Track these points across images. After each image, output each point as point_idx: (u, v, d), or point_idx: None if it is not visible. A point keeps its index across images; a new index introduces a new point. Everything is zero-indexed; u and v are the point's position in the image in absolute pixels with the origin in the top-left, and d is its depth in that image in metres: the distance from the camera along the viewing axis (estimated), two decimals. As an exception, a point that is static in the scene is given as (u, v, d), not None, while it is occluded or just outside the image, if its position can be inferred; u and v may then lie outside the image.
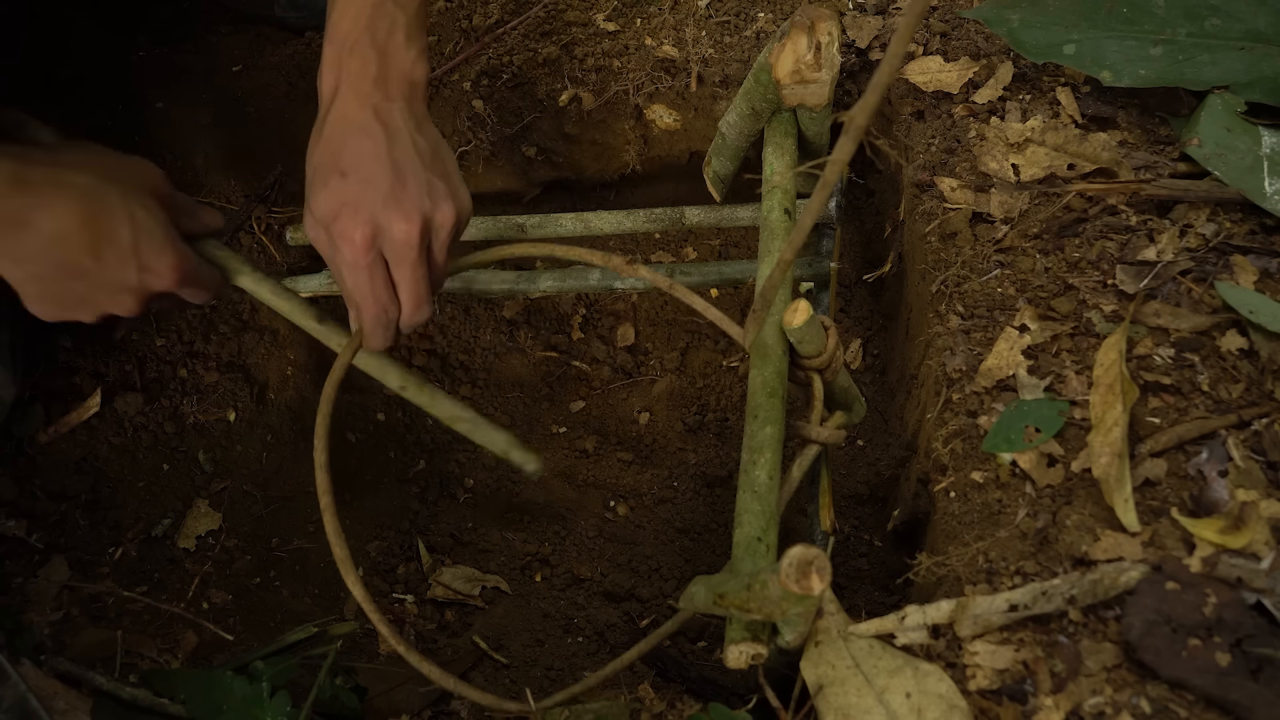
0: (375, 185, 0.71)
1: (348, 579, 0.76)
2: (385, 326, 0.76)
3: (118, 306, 0.79)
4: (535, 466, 0.79)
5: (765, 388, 0.72)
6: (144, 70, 1.08)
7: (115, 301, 0.78)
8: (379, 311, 0.75)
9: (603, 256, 0.81)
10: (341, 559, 0.76)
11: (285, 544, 1.02)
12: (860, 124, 0.46)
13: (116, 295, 0.78)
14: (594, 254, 0.81)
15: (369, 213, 0.71)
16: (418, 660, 0.76)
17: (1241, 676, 0.59)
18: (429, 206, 0.72)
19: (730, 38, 1.04)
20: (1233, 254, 0.76)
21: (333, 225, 0.71)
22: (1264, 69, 0.82)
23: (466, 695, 0.76)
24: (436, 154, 0.76)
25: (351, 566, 0.76)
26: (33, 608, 0.85)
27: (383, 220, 0.71)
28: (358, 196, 0.71)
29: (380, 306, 0.74)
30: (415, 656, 0.76)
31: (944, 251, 0.85)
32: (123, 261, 0.76)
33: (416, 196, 0.72)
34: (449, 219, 0.74)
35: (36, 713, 0.72)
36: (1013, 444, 0.72)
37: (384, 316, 0.75)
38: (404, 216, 0.71)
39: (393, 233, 0.71)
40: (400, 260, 0.73)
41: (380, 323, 0.76)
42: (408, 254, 0.72)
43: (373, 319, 0.75)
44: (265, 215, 1.14)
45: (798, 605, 0.58)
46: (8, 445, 0.94)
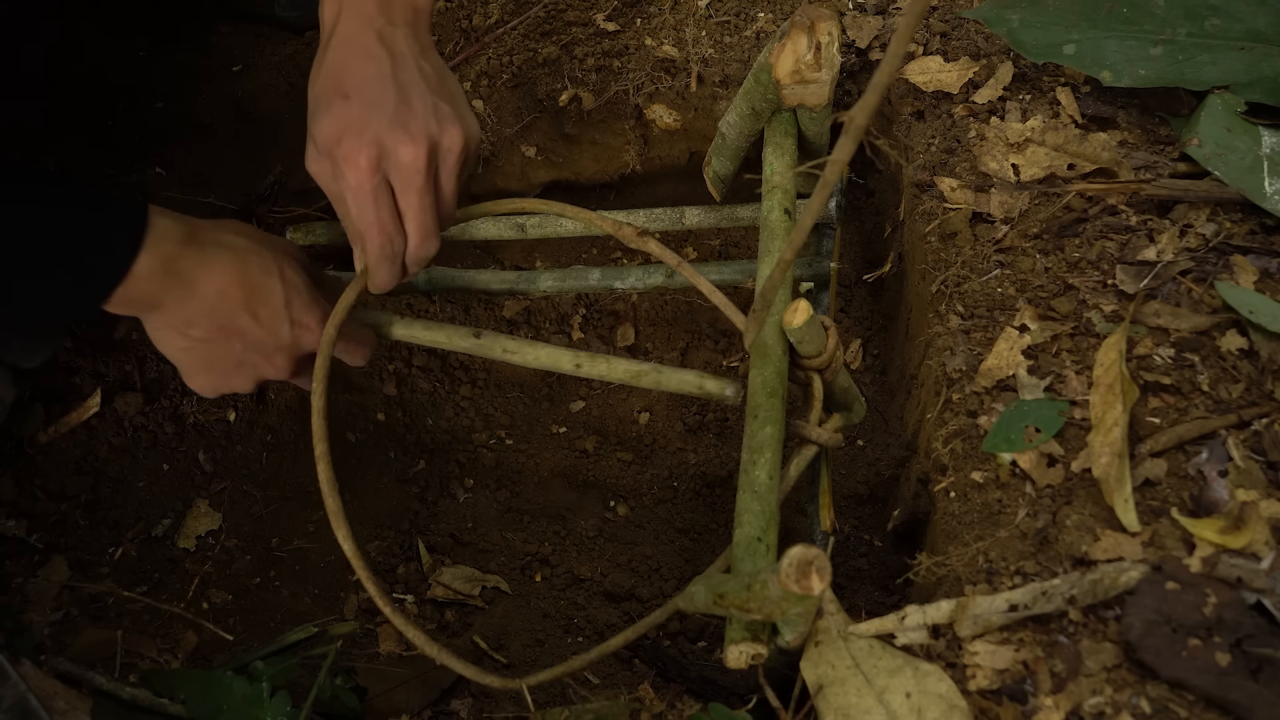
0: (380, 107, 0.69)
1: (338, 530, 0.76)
2: (391, 260, 0.74)
3: (273, 368, 0.80)
4: (734, 390, 0.75)
5: (765, 388, 0.72)
6: (144, 70, 1.08)
7: (270, 363, 0.80)
8: (384, 241, 0.72)
9: (614, 224, 0.80)
10: (333, 510, 0.75)
11: (285, 544, 1.02)
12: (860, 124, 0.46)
13: (272, 356, 0.79)
14: (605, 219, 0.81)
15: (373, 134, 0.69)
16: (402, 623, 0.75)
17: (1241, 676, 0.59)
18: (436, 129, 0.71)
19: (730, 38, 1.04)
20: (1233, 254, 0.76)
21: (336, 149, 0.70)
22: (1264, 69, 0.82)
23: (449, 664, 0.76)
24: (442, 79, 0.74)
25: (343, 519, 0.75)
26: (33, 608, 0.85)
27: (388, 142, 0.69)
28: (362, 118, 0.69)
29: (386, 236, 0.72)
30: (399, 618, 0.76)
31: (944, 251, 0.85)
32: (276, 318, 0.77)
33: (423, 119, 0.70)
34: (456, 143, 0.72)
35: (36, 713, 0.72)
36: (1013, 444, 0.72)
37: (389, 248, 0.73)
38: (410, 138, 0.69)
39: (399, 155, 0.69)
40: (406, 186, 0.71)
41: (385, 255, 0.73)
42: (414, 179, 0.70)
43: (378, 250, 0.73)
44: (265, 215, 1.14)
45: (798, 605, 0.58)
46: (8, 445, 0.95)
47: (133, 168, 1.07)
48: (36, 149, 1.04)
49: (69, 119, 1.06)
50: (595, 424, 1.13)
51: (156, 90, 1.08)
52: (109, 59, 1.08)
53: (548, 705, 0.86)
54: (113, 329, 1.03)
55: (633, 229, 0.79)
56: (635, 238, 0.79)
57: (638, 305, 1.18)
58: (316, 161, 0.73)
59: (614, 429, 1.12)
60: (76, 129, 1.06)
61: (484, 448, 1.11)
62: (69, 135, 1.05)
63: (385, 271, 0.75)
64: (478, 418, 1.13)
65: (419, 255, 0.75)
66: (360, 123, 0.69)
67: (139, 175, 1.07)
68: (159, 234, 0.72)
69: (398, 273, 0.76)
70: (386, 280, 0.76)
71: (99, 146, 1.06)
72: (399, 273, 0.76)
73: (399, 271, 0.76)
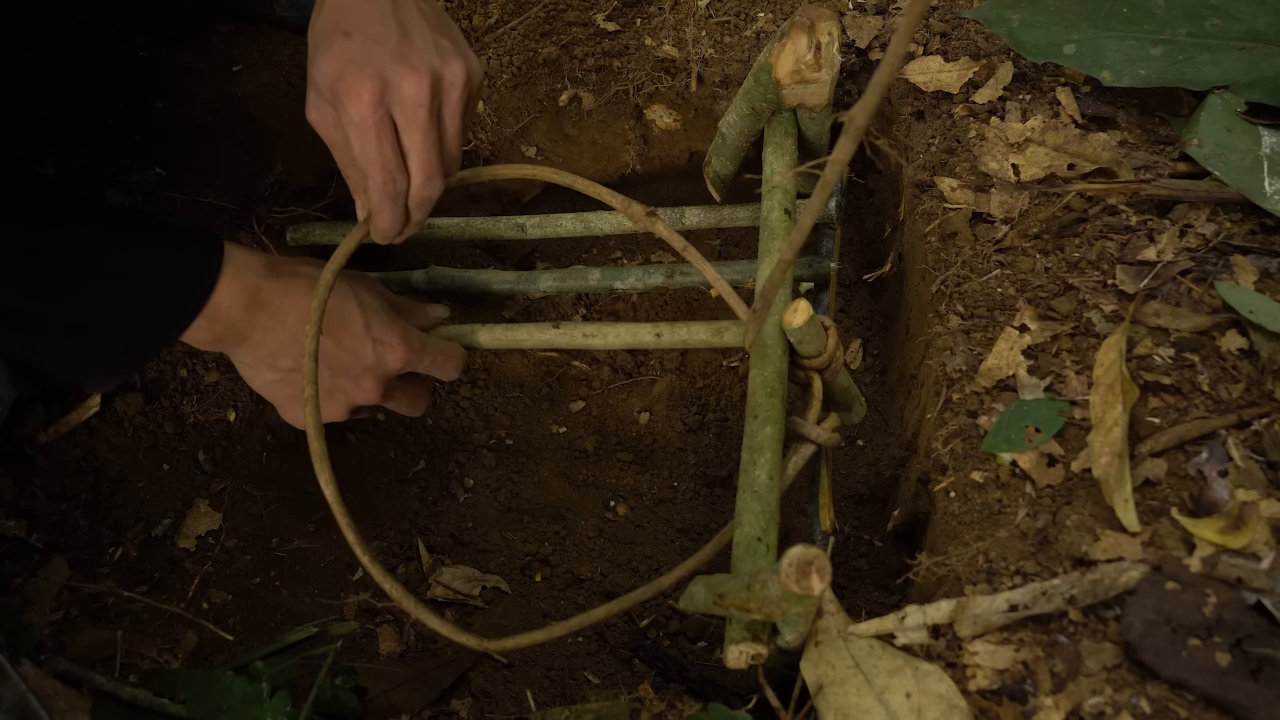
0: (382, 42, 0.70)
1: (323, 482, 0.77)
2: (394, 199, 0.74)
3: (362, 392, 0.82)
4: None
5: (765, 388, 0.72)
6: (144, 70, 1.08)
7: (359, 387, 0.82)
8: (387, 179, 0.72)
9: (622, 201, 0.81)
10: (318, 453, 0.76)
11: (285, 544, 1.02)
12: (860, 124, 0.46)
13: (359, 379, 0.82)
14: (614, 195, 0.82)
15: (376, 67, 0.69)
16: (379, 573, 0.77)
17: (1241, 676, 0.59)
18: (438, 63, 0.71)
19: (730, 38, 1.04)
20: (1233, 254, 0.76)
21: (338, 84, 0.70)
22: (1264, 69, 0.82)
23: (424, 619, 0.76)
24: (441, 19, 0.75)
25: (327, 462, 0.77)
26: (33, 608, 0.85)
27: (391, 75, 0.69)
28: (364, 53, 0.69)
29: (388, 173, 0.72)
30: (377, 568, 0.77)
31: (944, 251, 0.85)
32: (359, 341, 0.80)
33: (424, 53, 0.70)
34: (459, 77, 0.72)
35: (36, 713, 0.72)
36: (1013, 444, 0.72)
37: (392, 185, 0.73)
38: (413, 70, 0.69)
39: (402, 89, 0.69)
40: (410, 121, 0.71)
41: (388, 193, 0.73)
42: (418, 113, 0.70)
43: (380, 188, 0.73)
44: (265, 215, 1.14)
45: (798, 605, 0.58)
46: (8, 445, 0.94)
47: (133, 168, 1.07)
48: (37, 149, 1.04)
49: (69, 119, 1.06)
50: (595, 424, 1.13)
51: (156, 90, 1.07)
52: (109, 59, 1.08)
53: (548, 705, 0.86)
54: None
55: (641, 207, 0.80)
56: (643, 216, 0.80)
57: (638, 305, 1.18)
58: (317, 109, 0.73)
59: (614, 429, 1.12)
60: (76, 129, 1.06)
61: (484, 448, 1.11)
62: (69, 135, 1.05)
63: (388, 213, 0.75)
64: (478, 418, 1.13)
65: (422, 196, 0.74)
66: (362, 57, 0.69)
67: (139, 175, 1.07)
68: (239, 264, 0.74)
69: (400, 216, 0.75)
70: (389, 224, 0.76)
71: (99, 146, 1.06)
72: (402, 216, 0.76)
73: (402, 215, 0.75)
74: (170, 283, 0.72)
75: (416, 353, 0.84)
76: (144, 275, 0.71)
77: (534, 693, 0.88)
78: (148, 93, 1.08)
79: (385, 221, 0.76)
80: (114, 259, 0.70)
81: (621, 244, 1.22)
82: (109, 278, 0.70)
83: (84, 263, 0.69)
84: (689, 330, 0.87)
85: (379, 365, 0.82)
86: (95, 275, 0.70)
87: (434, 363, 0.86)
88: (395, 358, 0.82)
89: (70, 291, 0.69)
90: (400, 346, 0.82)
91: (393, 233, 0.77)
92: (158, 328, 0.73)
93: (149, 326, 0.72)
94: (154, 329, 0.73)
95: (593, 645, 0.95)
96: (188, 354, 1.06)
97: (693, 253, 0.80)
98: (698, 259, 0.80)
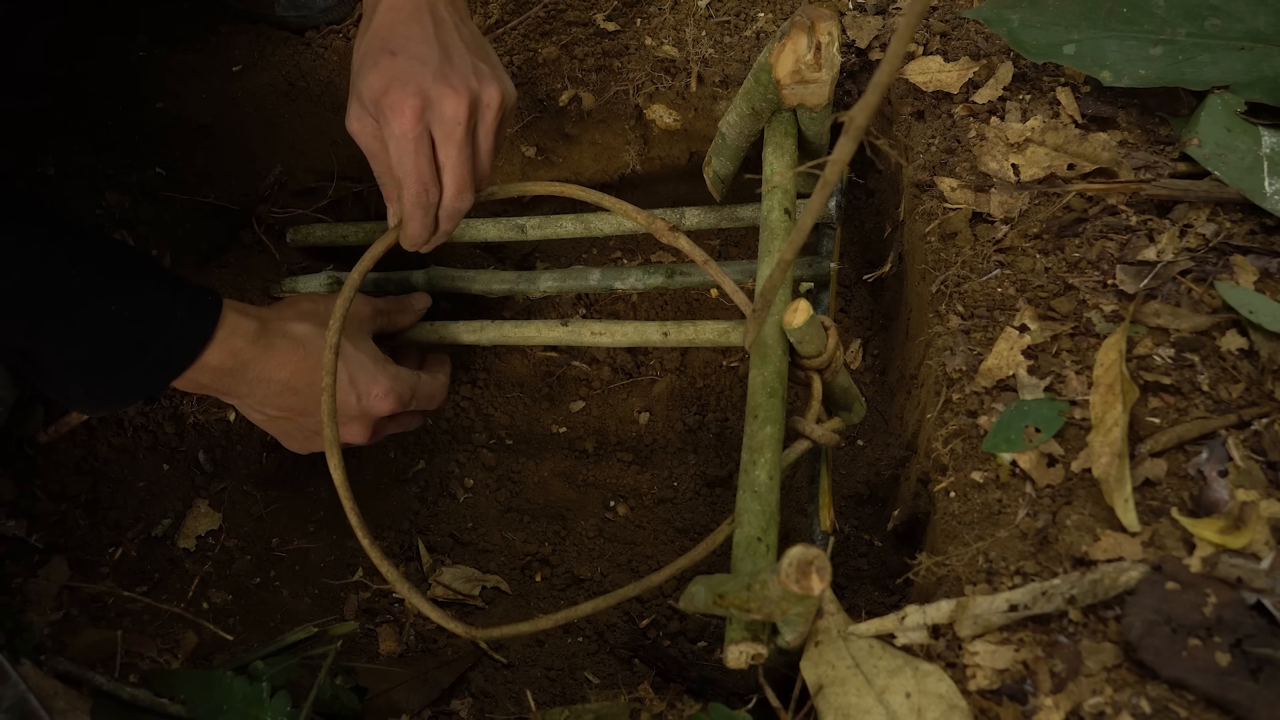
0: (425, 62, 0.74)
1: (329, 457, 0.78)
2: (425, 209, 0.78)
3: (352, 435, 0.89)
4: None
5: (765, 388, 0.72)
6: (144, 70, 1.08)
7: (348, 431, 0.88)
8: (421, 190, 0.76)
9: (646, 217, 0.83)
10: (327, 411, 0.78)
11: (285, 544, 1.02)
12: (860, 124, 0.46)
13: (348, 425, 0.87)
14: (639, 213, 0.83)
15: (419, 85, 0.73)
16: (378, 556, 0.78)
17: (1241, 676, 0.59)
18: (476, 85, 0.75)
19: (730, 38, 1.04)
20: (1233, 254, 0.76)
21: (383, 99, 0.74)
22: (1264, 69, 0.82)
23: (417, 604, 0.77)
24: (480, 43, 0.80)
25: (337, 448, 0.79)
26: (33, 608, 0.85)
27: (433, 94, 0.73)
28: (407, 71, 0.73)
29: (423, 184, 0.76)
30: (376, 551, 0.78)
31: (944, 251, 0.85)
32: (343, 393, 0.85)
33: (464, 74, 0.75)
34: (495, 99, 0.76)
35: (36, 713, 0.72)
36: (1013, 444, 0.72)
37: (425, 196, 0.77)
38: (453, 91, 0.74)
39: (442, 107, 0.74)
40: (448, 137, 0.75)
41: (421, 204, 0.77)
42: (455, 130, 0.75)
43: (414, 197, 0.77)
44: (265, 215, 1.14)
45: (798, 605, 0.58)
46: (8, 445, 0.94)
47: (133, 168, 1.07)
48: (36, 149, 1.04)
49: (69, 119, 1.06)
50: (595, 424, 1.13)
51: (156, 90, 1.07)
52: (109, 59, 1.08)
53: (548, 705, 0.86)
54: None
55: (665, 224, 0.82)
56: (667, 232, 0.81)
57: (638, 305, 1.18)
58: (359, 119, 0.77)
59: (614, 429, 1.12)
60: (76, 129, 1.06)
61: (484, 448, 1.11)
62: (69, 135, 1.05)
63: (419, 222, 0.79)
64: (478, 418, 1.13)
65: (453, 208, 0.79)
66: (406, 75, 0.73)
67: (139, 175, 1.07)
68: (230, 329, 0.78)
69: (430, 225, 0.80)
70: (419, 231, 0.80)
71: (99, 146, 1.06)
72: (432, 225, 0.80)
73: (432, 224, 0.80)
74: (161, 338, 0.75)
75: (404, 400, 0.89)
76: (136, 326, 0.75)
77: (534, 693, 0.88)
78: (148, 93, 1.08)
79: (416, 230, 0.80)
80: (108, 305, 0.73)
81: (621, 244, 1.22)
82: (100, 323, 0.73)
83: (78, 305, 0.72)
84: (696, 330, 0.87)
85: (365, 414, 0.87)
86: (87, 319, 0.73)
87: (420, 403, 0.92)
88: (383, 406, 0.87)
89: (58, 333, 0.72)
90: (387, 397, 0.87)
91: (421, 240, 0.82)
92: (143, 377, 0.76)
93: (135, 374, 0.76)
94: (139, 378, 0.76)
95: (593, 645, 0.95)
96: (188, 354, 1.06)
97: (713, 266, 0.82)
98: (718, 273, 0.82)
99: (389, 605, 0.98)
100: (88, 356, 0.74)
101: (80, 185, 1.04)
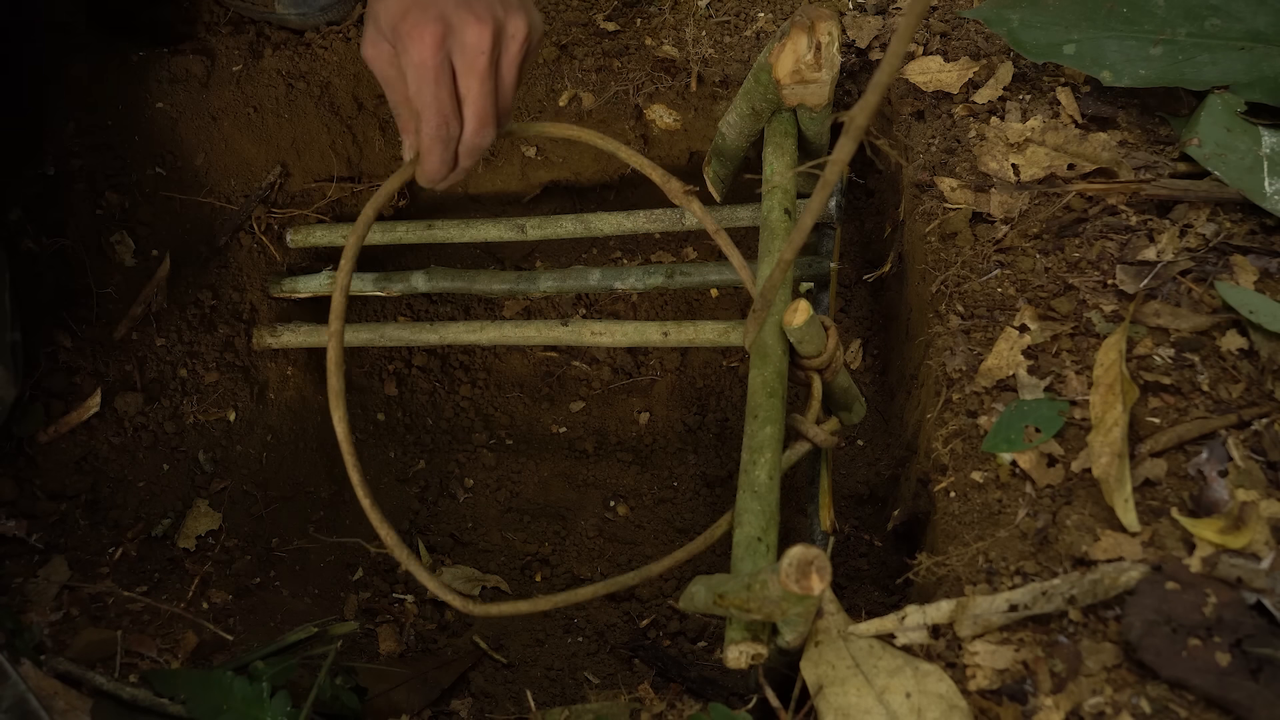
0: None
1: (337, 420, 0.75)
2: (445, 144, 0.73)
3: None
4: None
5: (765, 388, 0.72)
6: (144, 70, 1.08)
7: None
8: (441, 122, 0.71)
9: (662, 175, 0.81)
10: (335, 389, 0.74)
11: (285, 544, 1.02)
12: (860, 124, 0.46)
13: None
14: (654, 169, 0.82)
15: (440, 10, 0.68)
16: (377, 519, 0.76)
17: (1241, 676, 0.59)
18: (501, 14, 0.70)
19: (730, 38, 1.04)
20: (1233, 254, 0.76)
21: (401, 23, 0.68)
22: (1264, 69, 0.82)
23: (418, 575, 0.75)
24: None
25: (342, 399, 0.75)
26: (33, 608, 0.85)
27: (455, 20, 0.68)
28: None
29: (443, 117, 0.71)
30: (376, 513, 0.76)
31: (944, 251, 0.85)
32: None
33: (489, 2, 0.69)
34: (521, 29, 0.71)
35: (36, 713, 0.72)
36: (1013, 444, 0.72)
37: (445, 130, 0.72)
38: (476, 18, 0.68)
39: (464, 34, 0.69)
40: (469, 68, 0.70)
41: (440, 138, 0.72)
42: (478, 60, 0.69)
43: (433, 131, 0.71)
44: (265, 215, 1.14)
45: (798, 605, 0.58)
46: (8, 445, 0.95)
47: (133, 168, 1.07)
48: (36, 149, 1.04)
49: (69, 119, 1.06)
50: (595, 424, 1.13)
51: (156, 90, 1.08)
52: (109, 59, 1.08)
53: (548, 705, 0.86)
54: (113, 328, 1.03)
55: (680, 185, 0.80)
56: (681, 194, 0.80)
57: (638, 305, 1.18)
58: (374, 44, 0.72)
59: (614, 429, 1.12)
60: (76, 129, 1.06)
61: (484, 448, 1.11)
62: (69, 135, 1.05)
63: (437, 156, 0.73)
64: (478, 418, 1.13)
65: (473, 144, 0.73)
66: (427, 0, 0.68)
67: (139, 175, 1.08)
68: None
69: (449, 161, 0.74)
70: (437, 167, 0.74)
71: (99, 146, 1.06)
72: (450, 161, 0.74)
73: (450, 160, 0.74)
74: None
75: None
76: None
77: (534, 693, 0.88)
78: (148, 93, 1.08)
79: (433, 165, 0.74)
80: None
81: (621, 244, 1.22)
82: None
83: None
84: (696, 330, 0.87)
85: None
86: None
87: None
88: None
89: None
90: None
91: (439, 176, 0.76)
92: None
93: None
94: None
95: (593, 645, 0.95)
96: (188, 354, 1.06)
97: (723, 236, 0.81)
98: (727, 244, 0.81)
99: (389, 605, 0.98)
100: None
101: (80, 185, 1.04)
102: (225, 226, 1.11)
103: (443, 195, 1.19)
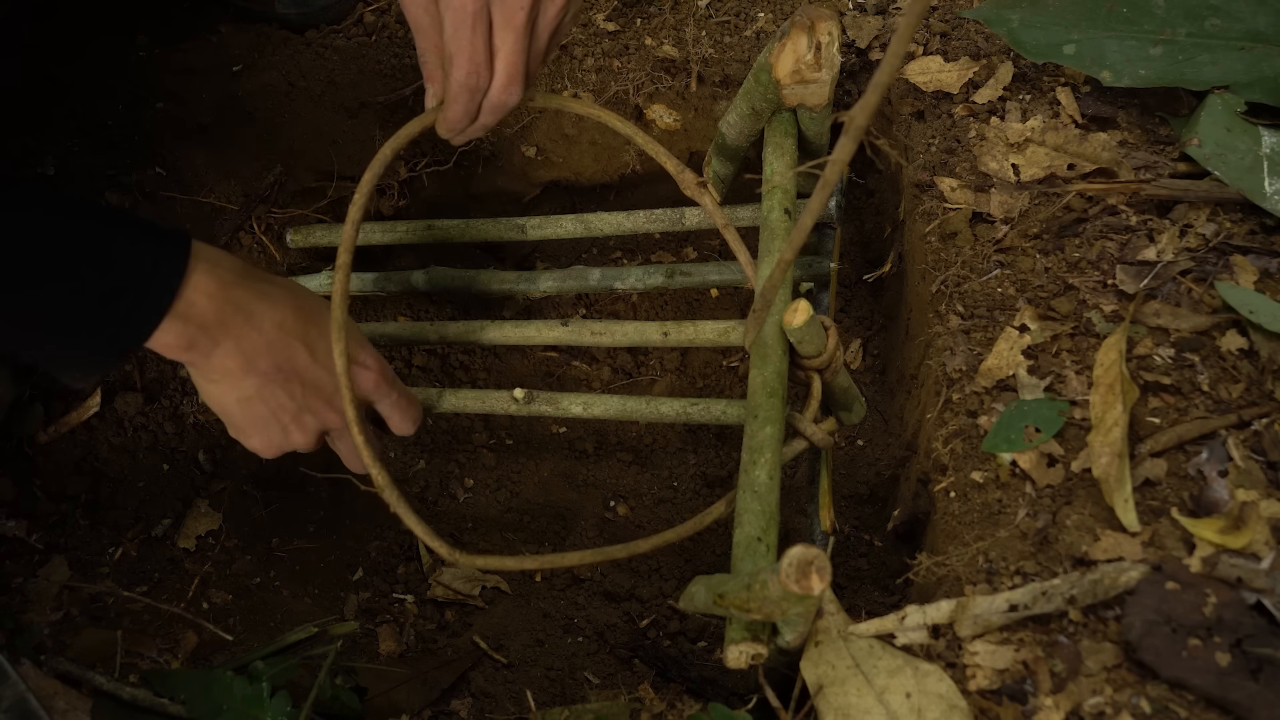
0: None
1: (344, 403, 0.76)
2: (471, 93, 0.72)
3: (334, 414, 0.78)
4: None
5: (765, 388, 0.72)
6: (144, 70, 1.08)
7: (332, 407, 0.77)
8: (472, 70, 0.71)
9: (675, 165, 0.82)
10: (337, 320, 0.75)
11: (285, 544, 1.02)
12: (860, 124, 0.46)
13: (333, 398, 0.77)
14: (669, 159, 0.83)
15: None
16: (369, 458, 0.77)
17: (1241, 676, 0.59)
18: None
19: (730, 38, 1.04)
20: (1233, 254, 0.76)
21: None
22: (1264, 69, 0.82)
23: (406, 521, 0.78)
24: None
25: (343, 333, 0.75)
26: (33, 608, 0.85)
27: None
28: None
29: (474, 65, 0.71)
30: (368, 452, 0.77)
31: (944, 251, 0.85)
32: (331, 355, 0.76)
33: None
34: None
35: (36, 713, 0.72)
36: (1013, 444, 0.72)
37: (474, 79, 0.71)
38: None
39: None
40: (507, 21, 0.70)
41: (468, 86, 0.72)
42: (516, 15, 0.69)
43: (463, 78, 0.71)
44: (265, 215, 1.14)
45: (798, 605, 0.58)
46: (8, 445, 0.95)
47: (133, 168, 1.07)
48: (36, 149, 1.04)
49: (69, 119, 1.06)
50: (595, 424, 1.13)
51: (156, 90, 1.07)
52: (109, 59, 1.08)
53: (548, 705, 0.86)
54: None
55: (693, 175, 0.82)
56: (693, 185, 0.81)
57: (638, 305, 1.18)
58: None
59: (614, 429, 1.12)
60: (76, 129, 1.06)
61: (484, 448, 1.11)
62: (69, 135, 1.05)
63: (462, 105, 0.73)
64: (477, 418, 1.13)
65: (499, 100, 0.73)
66: None
67: (139, 175, 1.07)
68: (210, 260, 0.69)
69: (473, 112, 0.74)
70: (460, 116, 0.74)
71: (99, 146, 1.06)
72: (474, 112, 0.74)
73: (474, 111, 0.74)
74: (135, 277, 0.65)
75: (388, 382, 0.81)
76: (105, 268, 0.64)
77: (534, 693, 0.88)
78: (148, 93, 1.08)
79: (457, 113, 0.74)
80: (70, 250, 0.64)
81: (621, 244, 1.22)
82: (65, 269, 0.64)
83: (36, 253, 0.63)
84: (696, 330, 0.87)
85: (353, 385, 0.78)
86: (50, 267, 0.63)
87: (398, 403, 0.82)
88: (367, 379, 0.79)
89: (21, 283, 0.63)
90: (374, 369, 0.79)
91: (459, 127, 0.75)
92: (122, 328, 0.66)
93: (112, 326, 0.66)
94: (117, 329, 0.66)
95: (593, 645, 0.95)
96: (188, 354, 1.06)
97: (731, 232, 0.82)
98: (735, 239, 0.82)
99: (389, 605, 0.98)
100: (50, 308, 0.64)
101: (80, 185, 1.04)
102: (225, 226, 1.11)
103: (442, 195, 1.18)
